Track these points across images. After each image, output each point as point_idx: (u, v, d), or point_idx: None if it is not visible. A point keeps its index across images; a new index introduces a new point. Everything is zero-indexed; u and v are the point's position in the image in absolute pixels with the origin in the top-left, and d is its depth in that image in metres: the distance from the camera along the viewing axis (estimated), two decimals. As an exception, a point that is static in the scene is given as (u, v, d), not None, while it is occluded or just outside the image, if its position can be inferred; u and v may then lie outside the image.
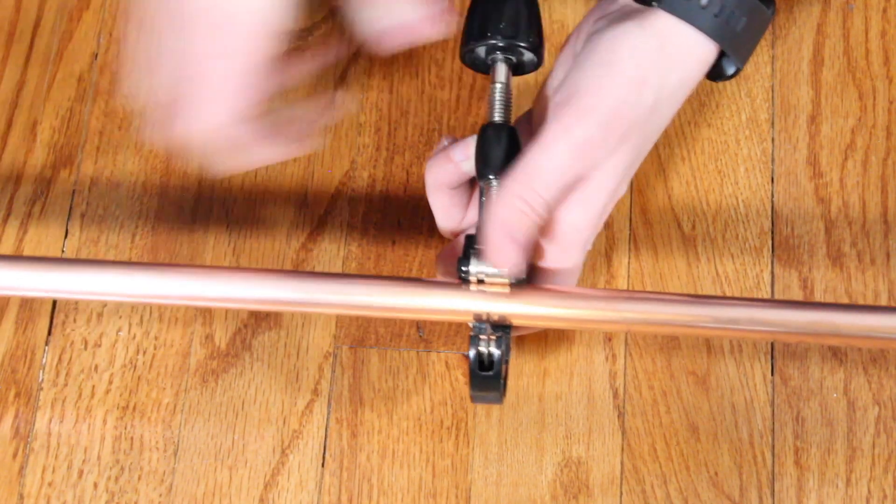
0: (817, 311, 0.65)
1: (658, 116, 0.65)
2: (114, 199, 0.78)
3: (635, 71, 0.63)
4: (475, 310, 0.64)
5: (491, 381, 0.64)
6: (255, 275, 0.66)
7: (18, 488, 0.72)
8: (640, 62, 0.63)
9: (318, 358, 0.75)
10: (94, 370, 0.74)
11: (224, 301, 0.66)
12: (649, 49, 0.63)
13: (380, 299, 0.65)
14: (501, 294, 0.64)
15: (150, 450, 0.73)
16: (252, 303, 0.66)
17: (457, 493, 0.72)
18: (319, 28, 0.81)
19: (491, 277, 0.64)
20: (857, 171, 0.78)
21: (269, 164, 0.78)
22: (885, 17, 0.81)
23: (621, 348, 0.74)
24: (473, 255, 0.64)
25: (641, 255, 0.76)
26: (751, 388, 0.73)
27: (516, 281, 0.64)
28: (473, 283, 0.64)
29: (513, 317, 0.65)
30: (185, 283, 0.65)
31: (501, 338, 0.64)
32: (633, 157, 0.65)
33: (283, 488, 0.72)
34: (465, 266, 0.64)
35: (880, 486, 0.72)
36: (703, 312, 0.65)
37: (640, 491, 0.72)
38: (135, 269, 0.66)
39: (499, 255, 0.63)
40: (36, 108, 0.80)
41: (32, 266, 0.66)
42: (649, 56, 0.63)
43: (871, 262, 0.76)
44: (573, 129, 0.62)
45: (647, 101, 0.63)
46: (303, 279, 0.66)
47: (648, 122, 0.64)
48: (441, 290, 0.65)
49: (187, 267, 0.67)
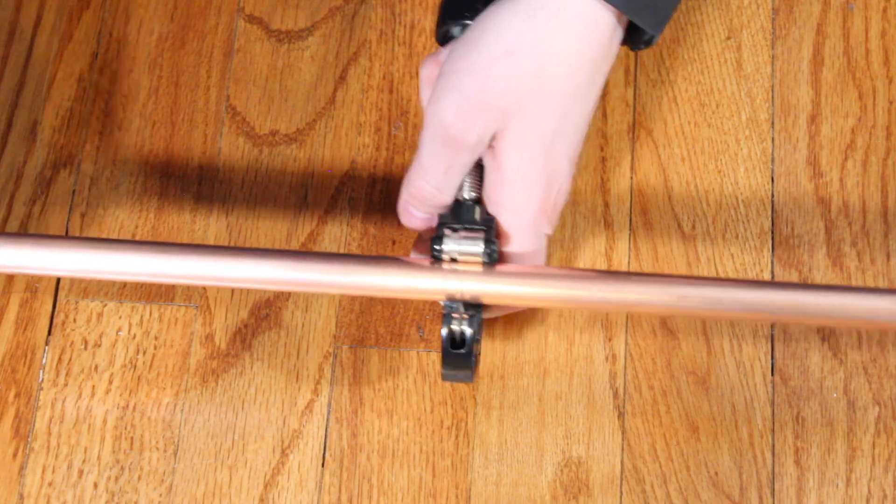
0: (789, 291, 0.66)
1: (555, 83, 0.65)
2: (114, 199, 0.78)
3: (499, 44, 0.65)
4: (447, 288, 0.65)
5: (462, 359, 0.65)
6: (230, 253, 0.67)
7: (18, 488, 0.72)
8: (505, 34, 0.64)
9: (319, 358, 0.75)
10: (95, 370, 0.74)
11: (200, 279, 0.67)
12: (518, 20, 0.64)
13: (354, 278, 0.66)
14: (473, 273, 0.66)
15: (150, 450, 0.73)
16: (228, 280, 0.67)
17: (457, 492, 0.72)
18: (319, 28, 0.81)
19: (464, 256, 0.65)
20: (857, 170, 0.78)
21: (270, 165, 0.79)
22: (885, 17, 0.81)
23: (621, 348, 0.74)
24: (446, 235, 0.65)
25: (641, 255, 0.76)
26: (751, 388, 0.73)
27: (489, 260, 0.66)
28: (446, 261, 0.66)
29: (484, 295, 0.66)
30: (161, 257, 0.67)
31: (474, 317, 0.66)
32: (543, 130, 0.66)
33: (283, 488, 0.72)
34: (437, 245, 0.65)
35: (880, 486, 0.72)
36: (666, 291, 0.66)
37: (640, 491, 0.72)
38: (139, 248, 0.67)
39: (405, 221, 0.69)
40: (36, 108, 0.80)
41: (39, 244, 0.67)
42: (517, 27, 0.64)
43: (871, 262, 0.76)
44: (435, 116, 0.65)
45: (525, 70, 0.64)
46: (277, 258, 0.67)
47: (541, 91, 0.65)
48: (414, 269, 0.66)
49: (172, 245, 0.69)
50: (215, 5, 0.82)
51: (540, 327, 0.75)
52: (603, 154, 0.78)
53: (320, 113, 0.80)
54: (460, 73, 0.65)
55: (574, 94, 0.66)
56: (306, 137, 0.79)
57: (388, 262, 0.67)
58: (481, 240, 0.66)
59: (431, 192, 0.67)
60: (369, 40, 0.81)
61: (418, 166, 0.67)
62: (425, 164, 0.67)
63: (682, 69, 0.80)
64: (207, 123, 0.79)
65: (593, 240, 0.76)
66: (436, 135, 0.66)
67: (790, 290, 0.66)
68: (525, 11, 0.65)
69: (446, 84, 0.65)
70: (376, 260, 0.67)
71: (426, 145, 0.66)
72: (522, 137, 0.66)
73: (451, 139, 0.65)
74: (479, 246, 0.66)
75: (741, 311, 0.65)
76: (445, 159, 0.66)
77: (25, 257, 0.67)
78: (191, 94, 0.80)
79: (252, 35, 0.81)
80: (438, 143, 0.66)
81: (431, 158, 0.66)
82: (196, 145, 0.79)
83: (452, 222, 0.67)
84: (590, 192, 0.77)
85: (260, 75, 0.80)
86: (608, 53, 0.66)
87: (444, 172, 0.66)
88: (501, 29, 0.65)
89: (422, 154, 0.67)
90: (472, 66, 0.65)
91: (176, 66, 0.81)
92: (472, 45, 0.65)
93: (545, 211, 0.67)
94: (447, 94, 0.65)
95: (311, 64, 0.81)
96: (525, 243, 0.68)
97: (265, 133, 0.79)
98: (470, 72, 0.65)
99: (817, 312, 0.65)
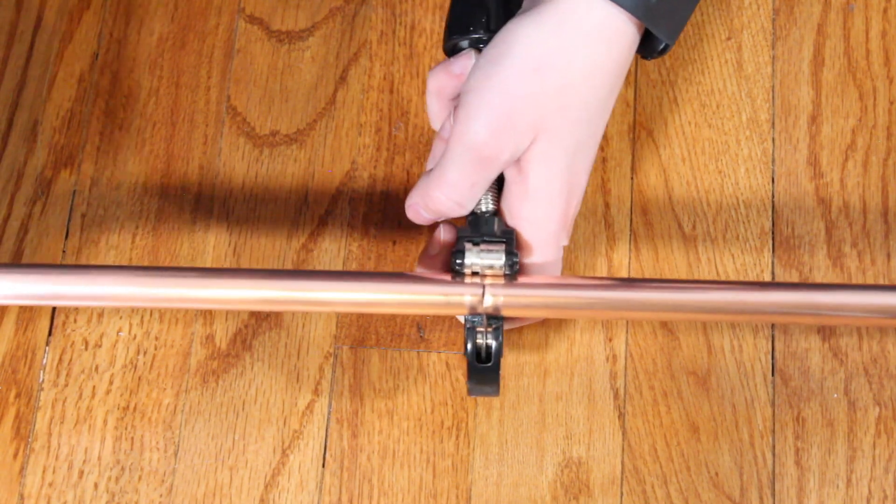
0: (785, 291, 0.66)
1: (580, 97, 0.65)
2: (114, 199, 0.78)
3: (527, 60, 0.64)
4: (472, 302, 0.65)
5: (489, 373, 0.65)
6: (242, 276, 0.66)
7: (19, 488, 0.72)
8: (533, 50, 0.64)
9: (319, 358, 0.75)
10: (95, 370, 0.74)
11: (208, 302, 0.66)
12: (545, 34, 0.64)
13: (376, 296, 0.66)
14: (497, 286, 0.65)
15: (151, 450, 0.73)
16: (241, 303, 0.66)
17: (457, 493, 0.72)
18: (320, 28, 0.81)
19: (485, 270, 0.65)
20: (858, 171, 0.78)
21: (270, 165, 0.79)
22: (885, 18, 0.81)
23: (622, 349, 0.74)
24: (467, 249, 0.65)
25: (642, 256, 0.76)
26: (751, 389, 0.73)
27: (510, 272, 0.65)
28: (468, 275, 0.65)
29: (508, 308, 0.66)
30: (155, 284, 0.66)
31: (498, 329, 0.65)
32: (567, 144, 0.66)
33: (283, 489, 0.72)
34: (459, 259, 0.65)
35: (881, 487, 0.72)
36: (692, 297, 0.66)
37: (640, 491, 0.72)
38: (132, 274, 0.66)
39: (411, 217, 0.69)
40: (36, 108, 0.80)
41: (31, 274, 0.66)
42: (545, 41, 0.64)
43: (871, 263, 0.76)
44: (466, 135, 0.65)
45: (551, 85, 0.64)
46: (296, 278, 0.67)
47: (567, 106, 0.65)
48: (437, 285, 0.66)
49: (160, 270, 0.67)
50: (216, 6, 0.82)
51: (540, 328, 0.75)
52: (603, 154, 0.78)
53: (321, 113, 0.80)
54: (490, 91, 0.65)
55: (596, 106, 0.66)
56: (307, 138, 0.79)
57: (409, 279, 0.66)
58: (502, 252, 0.65)
59: (451, 206, 0.67)
60: (370, 41, 0.81)
61: (443, 181, 0.66)
62: (451, 180, 0.66)
63: (682, 70, 0.80)
64: (208, 124, 0.79)
65: (594, 240, 0.76)
66: (467, 153, 0.65)
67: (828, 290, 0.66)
68: (551, 25, 0.64)
69: (476, 102, 0.65)
70: (398, 277, 0.67)
71: (455, 162, 0.66)
72: (549, 152, 0.65)
73: (483, 158, 0.65)
74: (501, 258, 0.65)
75: (770, 313, 0.65)
76: (473, 176, 0.66)
77: (18, 288, 0.66)
78: (191, 94, 0.80)
79: (252, 35, 0.81)
80: (468, 161, 0.65)
81: (460, 175, 0.66)
82: (196, 146, 0.79)
83: (472, 235, 0.66)
84: (590, 192, 0.77)
85: (260, 76, 0.80)
86: (626, 64, 0.66)
87: (470, 188, 0.66)
88: (528, 44, 0.64)
89: (448, 170, 0.66)
90: (501, 83, 0.64)
91: (176, 67, 0.81)
92: (499, 61, 0.65)
93: (566, 224, 0.68)
94: (479, 113, 0.65)
95: (311, 64, 0.81)
96: (546, 255, 0.68)
97: (265, 133, 0.79)
98: (500, 90, 0.64)
99: (815, 312, 0.65)
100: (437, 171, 0.67)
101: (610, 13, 0.64)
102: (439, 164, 0.67)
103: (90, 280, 0.66)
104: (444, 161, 0.66)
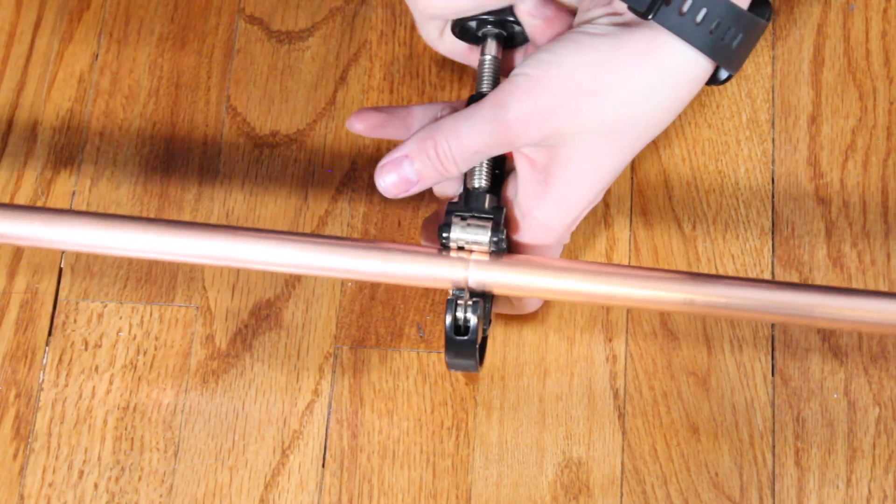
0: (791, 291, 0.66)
1: (635, 131, 0.64)
2: (114, 199, 0.78)
3: (594, 84, 0.62)
4: (453, 276, 0.65)
5: (466, 347, 0.65)
6: (239, 233, 0.67)
7: (19, 489, 0.72)
8: (630, 93, 0.62)
9: (319, 358, 0.75)
10: (95, 371, 0.74)
11: (202, 258, 0.67)
12: (646, 78, 0.62)
13: (360, 263, 0.66)
14: (479, 261, 0.65)
15: (151, 450, 0.73)
16: (231, 261, 0.67)
17: (457, 493, 0.72)
18: (320, 28, 0.81)
19: (471, 245, 0.65)
20: (858, 171, 0.78)
21: (270, 165, 0.79)
22: (885, 18, 0.81)
23: (622, 348, 0.74)
24: (454, 223, 0.65)
25: (642, 256, 0.76)
26: (751, 389, 0.73)
27: (496, 249, 0.66)
28: (453, 249, 0.66)
29: (489, 284, 0.66)
30: (168, 235, 0.67)
31: (478, 303, 0.65)
32: (605, 167, 0.65)
33: (283, 489, 0.72)
34: (445, 233, 0.65)
35: (881, 487, 0.72)
36: (680, 287, 0.66)
37: (640, 491, 0.72)
38: (145, 225, 0.68)
39: (384, 174, 0.66)
40: (36, 108, 0.80)
41: (44, 217, 0.67)
42: (644, 82, 0.62)
43: (871, 263, 0.76)
44: (499, 107, 0.63)
45: (608, 114, 0.63)
46: (286, 241, 0.67)
47: (618, 135, 0.64)
48: (420, 256, 0.66)
49: (180, 224, 0.68)
50: (216, 6, 0.82)
51: (540, 328, 0.75)
52: (603, 155, 0.78)
53: (321, 113, 0.80)
54: (542, 86, 0.63)
55: (646, 138, 0.65)
56: (307, 138, 0.79)
57: (394, 249, 0.67)
58: (489, 228, 0.65)
59: (446, 163, 0.65)
60: (370, 41, 0.81)
61: (454, 132, 0.64)
62: (463, 133, 0.64)
63: (682, 70, 0.80)
64: (208, 124, 0.79)
65: (594, 240, 0.76)
66: (492, 121, 0.63)
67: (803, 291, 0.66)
68: (651, 61, 0.62)
69: (525, 86, 0.63)
70: (382, 246, 0.67)
71: (475, 120, 0.64)
72: (584, 171, 0.64)
73: (501, 135, 0.63)
74: (487, 234, 0.65)
75: (770, 313, 0.65)
76: (483, 144, 0.64)
77: (32, 230, 0.67)
78: (191, 94, 0.80)
79: (252, 36, 0.81)
80: (489, 128, 0.64)
81: (470, 133, 0.64)
82: (196, 146, 0.79)
83: (462, 210, 0.66)
84: (590, 192, 0.77)
85: (260, 76, 0.80)
86: (688, 102, 0.65)
87: (475, 152, 0.65)
88: (628, 85, 0.62)
89: (463, 124, 0.64)
90: (556, 86, 0.62)
91: (176, 67, 0.81)
92: (563, 65, 0.63)
93: (573, 227, 0.68)
94: (522, 98, 0.63)
95: (311, 64, 0.81)
96: (547, 253, 0.68)
97: (265, 133, 0.79)
98: (552, 90, 0.62)
99: (820, 315, 0.65)
100: (452, 122, 0.65)
101: (695, 60, 0.62)
102: (455, 116, 0.65)
103: (97, 224, 0.67)
104: (463, 116, 0.65)
